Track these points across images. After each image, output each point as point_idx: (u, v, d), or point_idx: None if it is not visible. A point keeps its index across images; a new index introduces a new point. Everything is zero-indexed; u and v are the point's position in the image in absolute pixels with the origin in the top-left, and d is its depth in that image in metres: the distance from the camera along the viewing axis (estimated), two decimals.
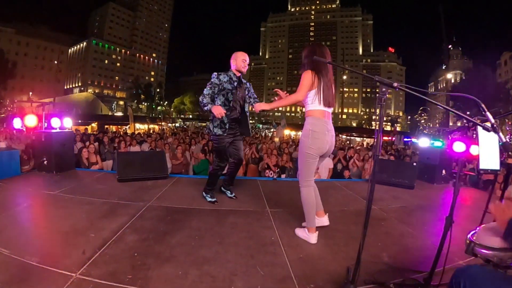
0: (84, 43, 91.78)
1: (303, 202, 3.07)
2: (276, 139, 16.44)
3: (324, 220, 3.38)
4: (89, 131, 16.95)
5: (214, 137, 3.94)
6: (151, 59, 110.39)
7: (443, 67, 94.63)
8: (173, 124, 41.19)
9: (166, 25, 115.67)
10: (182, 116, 78.11)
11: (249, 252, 2.73)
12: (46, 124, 5.89)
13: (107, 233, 2.92)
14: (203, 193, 4.32)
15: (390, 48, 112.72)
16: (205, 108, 3.72)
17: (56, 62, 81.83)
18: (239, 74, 4.00)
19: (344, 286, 2.08)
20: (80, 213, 3.46)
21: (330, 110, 3.09)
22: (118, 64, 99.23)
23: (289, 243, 2.97)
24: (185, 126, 38.86)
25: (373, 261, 2.63)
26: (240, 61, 3.94)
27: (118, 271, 2.29)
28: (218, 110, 3.58)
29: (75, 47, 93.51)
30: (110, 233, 2.93)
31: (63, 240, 2.76)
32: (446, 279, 1.70)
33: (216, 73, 3.90)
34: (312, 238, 3.01)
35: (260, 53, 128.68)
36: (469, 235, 1.69)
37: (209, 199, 4.20)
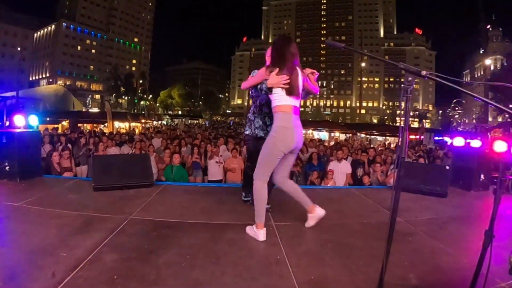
0: (53, 26, 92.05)
1: (256, 195, 3.49)
2: None
3: (319, 212, 3.73)
4: (60, 131, 16.92)
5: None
6: (133, 44, 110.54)
7: (481, 52, 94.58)
8: (159, 122, 41.05)
9: (150, 4, 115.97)
10: (169, 112, 78.16)
11: (251, 273, 2.72)
12: (7, 123, 5.89)
13: (81, 252, 2.91)
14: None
15: (417, 29, 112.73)
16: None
17: (19, 48, 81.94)
18: None
19: None
20: (49, 228, 3.46)
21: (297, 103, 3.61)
22: (93, 51, 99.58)
23: (298, 262, 2.96)
24: (173, 124, 38.81)
25: (398, 284, 2.63)
26: None
27: None
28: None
29: (42, 31, 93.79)
30: (84, 251, 2.93)
31: (29, 261, 2.75)
32: None
33: None
34: (260, 234, 3.40)
35: (262, 37, 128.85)
36: None
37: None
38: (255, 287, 2.53)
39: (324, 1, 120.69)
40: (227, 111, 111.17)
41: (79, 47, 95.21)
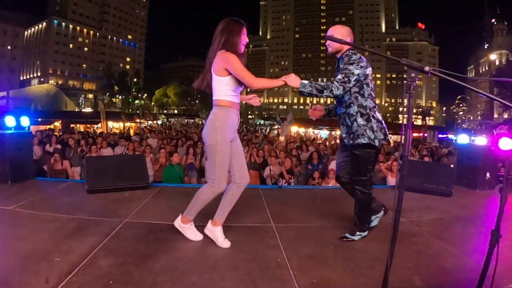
0: (44, 24, 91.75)
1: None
2: (282, 138, 16.45)
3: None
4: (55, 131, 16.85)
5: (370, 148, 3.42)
6: (126, 42, 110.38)
7: (485, 46, 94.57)
8: (154, 122, 40.98)
9: None
10: (165, 111, 78.05)
11: (251, 277, 2.72)
12: None
13: (75, 257, 2.90)
14: (354, 235, 3.59)
15: (419, 24, 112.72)
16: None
17: (9, 47, 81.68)
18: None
19: None
20: (42, 232, 3.45)
21: None
22: (85, 48, 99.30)
23: (299, 266, 2.97)
24: (169, 124, 38.75)
25: (403, 286, 2.64)
26: None
27: None
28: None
29: (33, 29, 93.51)
30: (79, 256, 2.92)
31: (22, 266, 2.74)
32: None
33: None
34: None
35: (260, 33, 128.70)
36: None
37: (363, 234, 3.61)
38: None
39: None
40: None
41: (71, 45, 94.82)
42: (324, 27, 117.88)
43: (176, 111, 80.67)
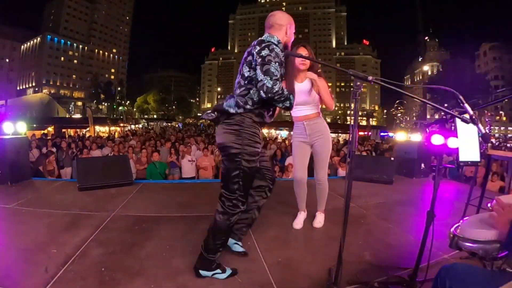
0: (38, 39, 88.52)
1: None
2: None
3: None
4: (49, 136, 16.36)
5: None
6: (111, 55, 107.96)
7: (420, 59, 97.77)
8: (136, 126, 40.26)
9: (127, 17, 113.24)
10: (146, 116, 76.96)
11: (226, 259, 2.70)
12: None
13: (70, 248, 2.84)
14: (202, 271, 2.41)
15: (364, 41, 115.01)
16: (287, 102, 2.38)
17: (7, 60, 78.61)
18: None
19: None
20: (40, 227, 3.36)
21: None
22: (75, 61, 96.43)
23: (266, 247, 3.00)
24: (149, 127, 38.16)
25: (355, 261, 2.69)
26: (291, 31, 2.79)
27: None
28: None
29: (29, 43, 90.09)
30: (73, 247, 2.86)
31: (23, 258, 2.66)
32: (432, 274, 1.75)
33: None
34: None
35: (229, 47, 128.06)
36: (452, 229, 1.74)
37: (223, 276, 2.43)
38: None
39: None
40: (198, 114, 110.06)
41: (62, 58, 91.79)
42: None
43: (155, 116, 79.71)
